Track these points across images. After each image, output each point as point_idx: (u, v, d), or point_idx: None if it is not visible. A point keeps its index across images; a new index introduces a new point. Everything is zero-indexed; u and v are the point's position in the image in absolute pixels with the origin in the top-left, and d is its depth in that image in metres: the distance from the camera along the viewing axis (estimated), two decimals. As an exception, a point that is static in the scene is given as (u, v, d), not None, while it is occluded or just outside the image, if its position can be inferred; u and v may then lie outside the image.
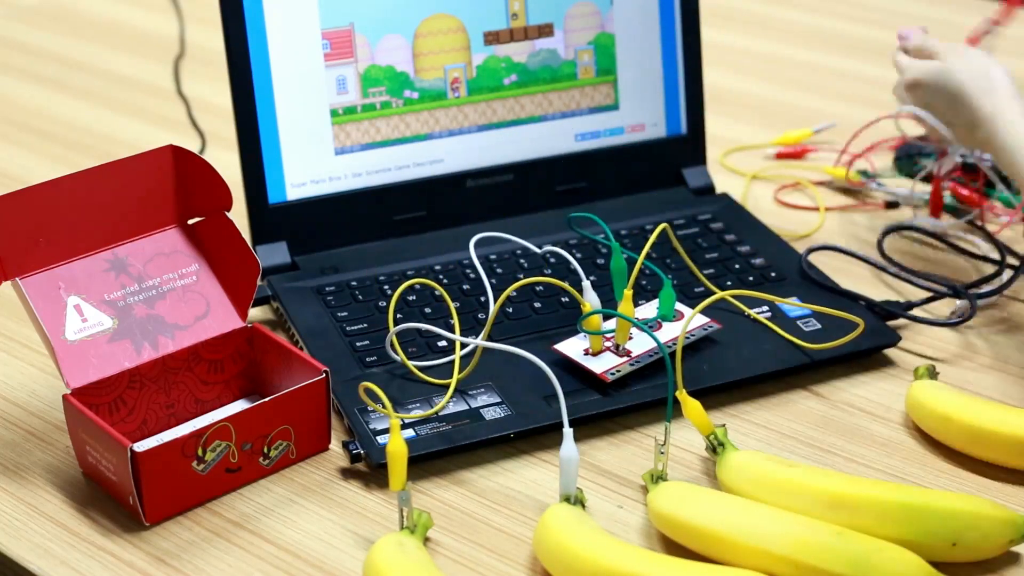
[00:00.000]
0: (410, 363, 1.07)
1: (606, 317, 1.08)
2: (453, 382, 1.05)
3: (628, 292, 1.05)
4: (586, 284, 1.08)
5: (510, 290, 1.08)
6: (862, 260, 1.24)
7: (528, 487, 1.01)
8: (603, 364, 1.06)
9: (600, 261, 1.21)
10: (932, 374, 1.07)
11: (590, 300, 1.08)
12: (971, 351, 1.15)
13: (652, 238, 1.08)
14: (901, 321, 1.16)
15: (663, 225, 1.12)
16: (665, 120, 1.31)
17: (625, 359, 1.06)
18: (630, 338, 1.07)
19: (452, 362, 1.07)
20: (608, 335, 1.08)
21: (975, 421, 1.01)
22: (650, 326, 1.08)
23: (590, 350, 1.07)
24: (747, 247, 1.24)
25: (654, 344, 1.07)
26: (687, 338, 1.08)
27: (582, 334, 1.08)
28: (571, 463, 0.94)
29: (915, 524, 0.91)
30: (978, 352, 1.15)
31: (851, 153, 1.40)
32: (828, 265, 1.23)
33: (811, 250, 1.22)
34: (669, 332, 1.09)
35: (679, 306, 1.11)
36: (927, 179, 1.36)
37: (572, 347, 1.08)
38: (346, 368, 1.08)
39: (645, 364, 1.07)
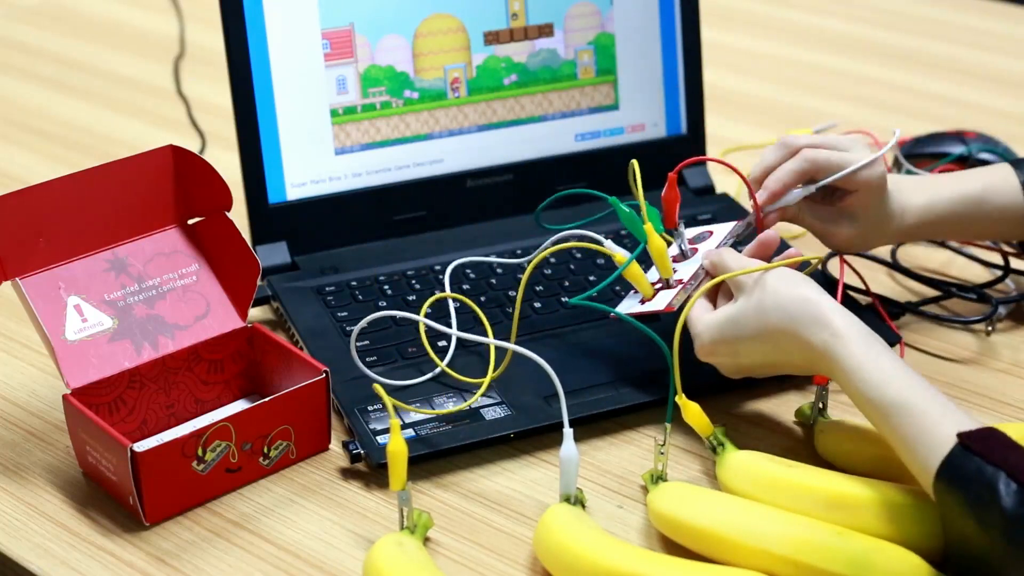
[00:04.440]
0: (443, 364, 1.07)
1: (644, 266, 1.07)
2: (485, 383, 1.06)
3: (648, 226, 1.05)
4: (608, 243, 1.08)
5: (524, 281, 1.06)
6: (879, 262, 1.24)
7: (528, 487, 1.00)
8: (663, 301, 1.05)
9: (600, 261, 1.21)
10: None
11: (619, 251, 1.07)
12: (983, 353, 1.15)
13: (637, 177, 1.07)
14: (911, 321, 1.16)
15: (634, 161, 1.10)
16: (665, 120, 1.31)
17: (679, 287, 1.05)
18: (675, 270, 1.07)
19: (449, 362, 1.07)
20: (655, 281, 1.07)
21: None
22: (679, 255, 1.08)
23: (644, 298, 1.06)
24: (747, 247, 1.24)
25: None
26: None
27: (631, 291, 1.08)
28: (571, 463, 0.94)
29: (915, 524, 0.91)
30: (996, 356, 1.15)
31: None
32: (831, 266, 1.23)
33: (831, 255, 1.22)
34: (694, 263, 1.07)
35: (700, 229, 1.10)
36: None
37: (628, 305, 1.07)
38: (346, 368, 1.08)
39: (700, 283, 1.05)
